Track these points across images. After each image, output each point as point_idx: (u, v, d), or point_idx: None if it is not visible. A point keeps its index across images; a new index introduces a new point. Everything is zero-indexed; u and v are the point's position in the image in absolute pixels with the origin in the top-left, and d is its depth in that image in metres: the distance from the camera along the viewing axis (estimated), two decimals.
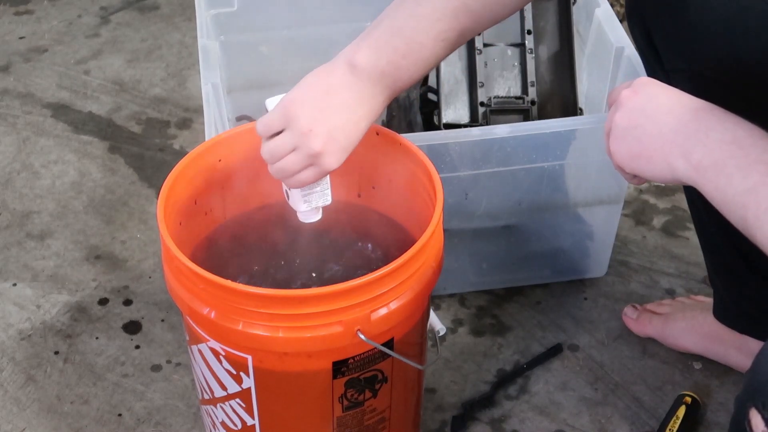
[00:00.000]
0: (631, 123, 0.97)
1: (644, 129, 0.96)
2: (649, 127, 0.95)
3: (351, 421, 1.14)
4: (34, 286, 1.58)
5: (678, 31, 1.09)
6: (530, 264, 1.54)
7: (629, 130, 0.97)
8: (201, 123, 1.79)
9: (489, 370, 1.44)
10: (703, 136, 0.92)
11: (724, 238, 1.25)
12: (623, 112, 0.98)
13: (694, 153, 0.91)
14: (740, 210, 0.89)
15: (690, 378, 1.43)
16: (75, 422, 1.38)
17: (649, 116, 0.96)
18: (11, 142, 1.87)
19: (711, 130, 0.91)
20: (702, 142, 0.91)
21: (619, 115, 0.98)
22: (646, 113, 0.96)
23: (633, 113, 0.97)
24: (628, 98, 0.98)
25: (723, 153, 0.90)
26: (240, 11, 1.60)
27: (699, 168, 0.91)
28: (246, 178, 1.25)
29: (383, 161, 1.22)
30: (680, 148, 0.93)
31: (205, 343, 1.10)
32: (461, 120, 1.47)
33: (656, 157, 0.95)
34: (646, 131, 0.95)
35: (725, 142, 0.90)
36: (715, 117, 0.93)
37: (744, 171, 0.88)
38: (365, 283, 1.02)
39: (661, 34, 1.13)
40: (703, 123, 0.93)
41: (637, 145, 0.96)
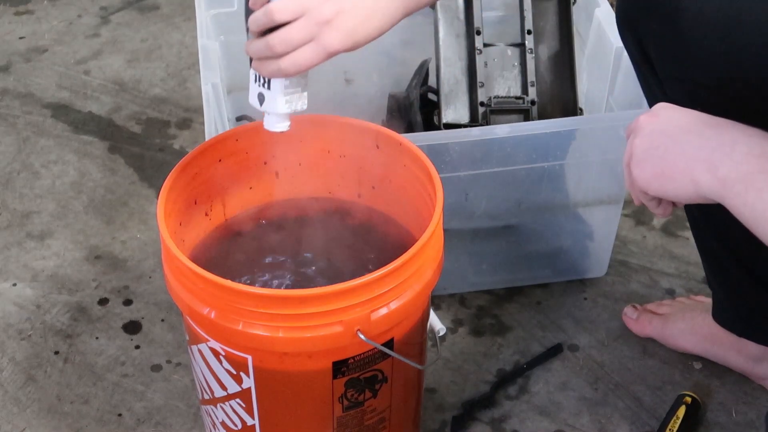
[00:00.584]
0: (652, 144, 0.96)
1: (666, 148, 0.94)
2: (671, 146, 0.94)
3: (351, 421, 1.14)
4: (34, 286, 1.58)
5: (671, 39, 1.08)
6: (530, 264, 1.54)
7: (650, 151, 0.96)
8: (201, 123, 1.80)
9: (489, 370, 1.44)
10: (729, 149, 0.90)
11: (720, 243, 1.25)
12: (643, 136, 0.97)
13: (721, 167, 0.90)
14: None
15: (690, 378, 1.43)
16: (75, 422, 1.38)
17: (670, 136, 0.95)
18: (11, 142, 1.87)
19: (736, 144, 0.90)
20: (728, 156, 0.90)
21: (639, 140, 0.97)
22: (666, 133, 0.95)
23: (653, 135, 0.96)
24: (647, 122, 0.97)
25: (751, 167, 0.88)
26: (240, 11, 1.60)
27: (726, 182, 0.89)
28: (246, 178, 1.25)
29: (383, 161, 1.22)
30: (705, 164, 0.91)
31: (205, 343, 1.10)
32: (461, 120, 1.47)
33: (680, 175, 0.93)
34: (669, 150, 0.94)
35: (753, 155, 0.88)
36: (739, 131, 0.91)
37: None
38: (365, 283, 1.02)
39: (654, 42, 1.12)
40: (728, 137, 0.91)
41: (660, 163, 0.95)
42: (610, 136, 1.36)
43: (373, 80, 1.71)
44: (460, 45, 1.49)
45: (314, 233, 1.25)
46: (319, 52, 1.02)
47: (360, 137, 1.23)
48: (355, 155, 1.24)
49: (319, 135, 1.24)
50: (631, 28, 1.14)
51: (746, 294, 1.28)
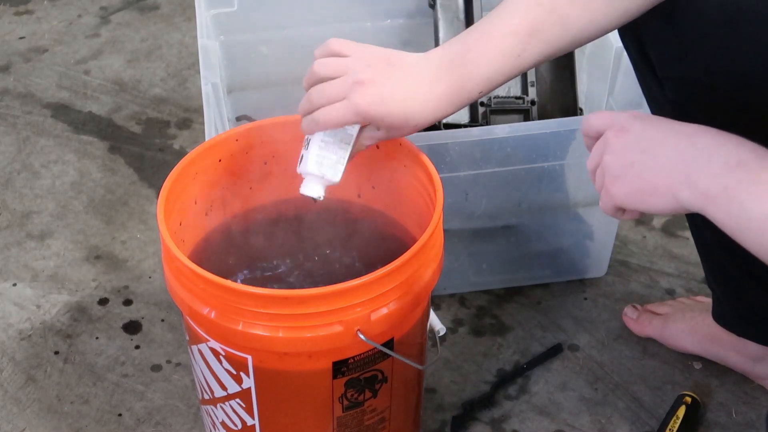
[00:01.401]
0: (626, 161, 0.94)
1: (642, 165, 0.93)
2: (647, 162, 0.92)
3: (351, 421, 1.14)
4: (34, 286, 1.58)
5: (672, 38, 1.08)
6: (530, 264, 1.54)
7: (626, 169, 0.94)
8: (201, 123, 1.80)
9: (489, 370, 1.44)
10: (706, 162, 0.88)
11: (719, 243, 1.25)
12: (615, 152, 0.95)
13: (700, 182, 0.88)
14: (758, 236, 0.85)
15: (690, 378, 1.43)
16: (75, 422, 1.38)
17: (644, 151, 0.93)
18: (11, 142, 1.87)
19: (713, 156, 0.88)
20: (706, 168, 0.88)
21: (611, 158, 0.95)
22: (640, 148, 0.93)
23: (626, 151, 0.94)
24: (616, 137, 0.95)
25: (730, 178, 0.86)
26: (240, 11, 1.60)
27: (707, 196, 0.88)
28: (246, 178, 1.25)
29: (383, 161, 1.22)
30: (683, 178, 0.90)
31: (205, 343, 1.10)
32: (461, 120, 1.47)
33: (660, 191, 0.92)
34: (646, 166, 0.92)
35: (731, 166, 0.87)
36: (714, 141, 0.90)
37: (757, 195, 0.85)
38: (365, 283, 1.02)
39: (655, 41, 1.11)
40: (703, 149, 0.89)
41: (637, 181, 0.93)
42: None
43: None
44: None
45: (314, 233, 1.25)
46: (349, 108, 1.06)
47: None
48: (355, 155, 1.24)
49: None
50: (630, 27, 1.13)
51: (746, 294, 1.28)
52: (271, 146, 1.24)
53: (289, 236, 1.24)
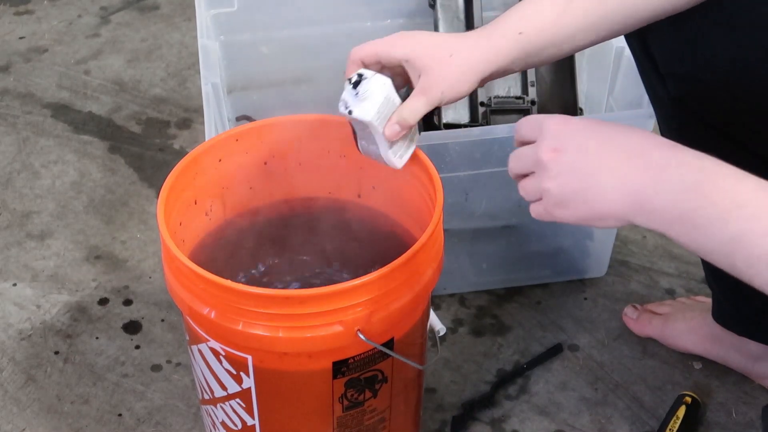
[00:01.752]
0: (568, 188, 0.88)
1: (587, 192, 0.87)
2: (592, 190, 0.86)
3: (351, 421, 1.14)
4: (34, 286, 1.58)
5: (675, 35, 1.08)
6: (530, 264, 1.54)
7: (570, 196, 0.88)
8: (201, 123, 1.80)
9: (489, 370, 1.44)
10: (653, 193, 0.83)
11: None
12: (554, 177, 0.88)
13: (653, 213, 0.83)
14: (726, 258, 0.81)
15: (690, 378, 1.43)
16: (75, 422, 1.38)
17: (588, 175, 0.86)
18: (11, 142, 1.87)
19: (662, 183, 0.83)
20: (657, 199, 0.83)
21: (551, 184, 0.88)
22: (581, 175, 0.87)
23: (567, 178, 0.88)
24: (552, 160, 0.88)
25: (686, 204, 0.82)
26: (240, 11, 1.60)
27: (663, 223, 0.83)
28: (246, 178, 1.25)
29: None
30: (635, 208, 0.85)
31: (205, 343, 1.10)
32: (461, 120, 1.47)
33: (611, 216, 0.87)
34: (591, 193, 0.86)
35: (684, 192, 0.82)
36: (660, 164, 0.83)
37: (719, 221, 0.80)
38: (365, 283, 1.02)
39: (658, 37, 1.11)
40: (650, 175, 0.83)
41: (585, 208, 0.88)
42: None
43: None
44: None
45: (314, 233, 1.25)
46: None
47: None
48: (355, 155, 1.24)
49: (319, 135, 1.24)
50: None
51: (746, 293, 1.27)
52: (271, 146, 1.24)
53: (289, 236, 1.24)
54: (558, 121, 0.90)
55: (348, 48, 1.68)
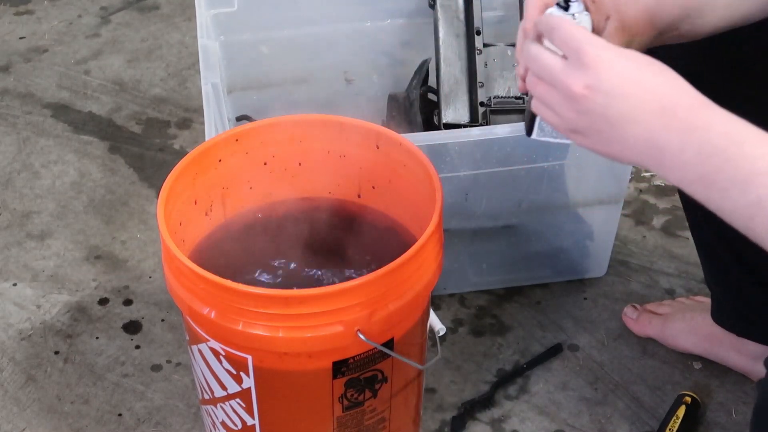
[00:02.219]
0: (594, 128, 0.86)
1: (610, 136, 0.86)
2: (616, 136, 0.85)
3: (351, 421, 1.14)
4: (34, 286, 1.58)
5: None
6: (530, 264, 1.54)
7: (593, 133, 0.87)
8: (201, 123, 1.80)
9: (489, 370, 1.44)
10: (678, 150, 0.83)
11: (721, 241, 1.25)
12: (582, 115, 0.86)
13: (673, 170, 0.83)
14: (745, 222, 0.82)
15: (690, 378, 1.43)
16: (75, 422, 1.38)
17: (612, 124, 0.85)
18: (11, 142, 1.87)
19: (686, 143, 0.82)
20: (678, 158, 0.83)
21: (577, 116, 0.86)
22: (609, 120, 0.85)
23: (594, 119, 0.86)
24: (585, 98, 0.85)
25: (707, 167, 0.82)
26: (240, 11, 1.60)
27: (683, 181, 0.83)
28: (246, 178, 1.25)
29: (383, 161, 1.22)
30: (656, 162, 0.84)
31: (205, 343, 1.10)
32: (461, 120, 1.47)
33: (628, 162, 0.87)
34: (614, 139, 0.86)
35: (708, 154, 0.81)
36: (689, 124, 0.83)
37: (740, 185, 0.80)
38: (365, 283, 1.02)
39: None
40: (677, 134, 0.83)
41: (603, 147, 0.87)
42: None
43: (373, 80, 1.71)
44: (460, 45, 1.49)
45: (314, 233, 1.25)
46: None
47: (360, 137, 1.23)
48: (355, 155, 1.24)
49: (319, 135, 1.24)
50: None
51: (746, 293, 1.28)
52: (271, 146, 1.24)
53: (289, 236, 1.24)
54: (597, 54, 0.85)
55: (348, 48, 1.69)
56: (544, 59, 0.88)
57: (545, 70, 0.88)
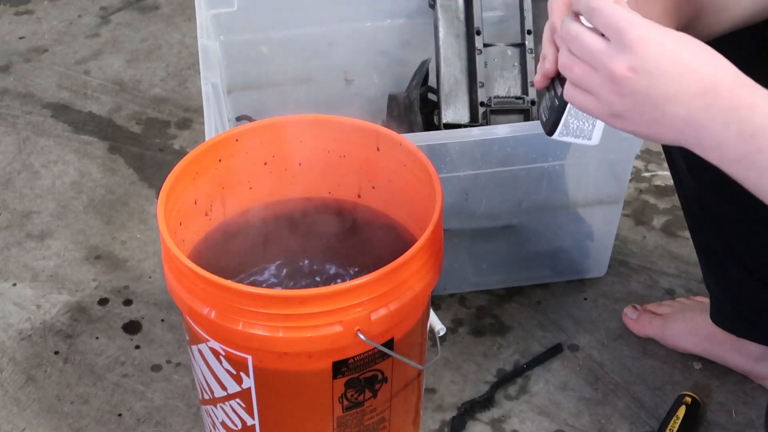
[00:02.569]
0: (635, 108, 0.85)
1: (653, 117, 0.85)
2: (658, 116, 0.84)
3: (351, 421, 1.14)
4: (34, 286, 1.58)
5: None
6: (530, 264, 1.54)
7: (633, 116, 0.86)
8: (201, 123, 1.80)
9: (489, 370, 1.44)
10: (720, 130, 0.82)
11: (721, 241, 1.25)
12: (624, 97, 0.85)
13: (714, 150, 0.83)
14: None
15: (690, 378, 1.43)
16: (75, 422, 1.38)
17: (655, 105, 0.84)
18: (11, 142, 1.87)
19: (728, 123, 0.82)
20: (719, 137, 0.82)
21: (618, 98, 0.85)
22: (652, 101, 0.84)
23: (636, 100, 0.85)
24: (628, 80, 0.84)
25: (749, 147, 0.81)
26: (240, 11, 1.60)
27: (723, 161, 0.83)
28: (246, 178, 1.25)
29: (383, 161, 1.22)
30: (695, 141, 0.84)
31: (205, 343, 1.10)
32: (461, 120, 1.47)
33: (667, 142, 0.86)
34: (655, 120, 0.85)
35: (749, 135, 0.81)
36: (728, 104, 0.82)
37: None
38: (365, 283, 1.02)
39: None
40: (718, 114, 0.82)
41: (644, 129, 0.86)
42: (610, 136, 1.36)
43: (373, 80, 1.71)
44: (460, 45, 1.49)
45: (314, 233, 1.25)
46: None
47: (360, 137, 1.23)
48: (355, 155, 1.24)
49: (319, 135, 1.24)
50: None
51: (746, 294, 1.28)
52: (271, 146, 1.24)
53: (289, 236, 1.24)
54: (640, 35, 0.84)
55: (348, 48, 1.69)
56: (586, 39, 0.86)
57: (586, 50, 0.87)
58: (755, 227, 1.20)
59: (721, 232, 1.25)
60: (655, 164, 1.77)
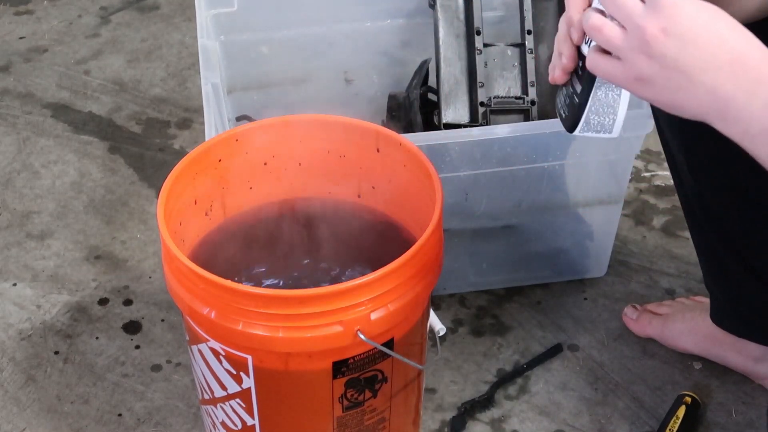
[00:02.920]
0: (662, 74, 0.85)
1: (678, 83, 0.84)
2: (684, 84, 0.84)
3: (351, 421, 1.14)
4: (34, 286, 1.58)
5: None
6: (530, 264, 1.54)
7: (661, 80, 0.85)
8: (201, 123, 1.80)
9: (489, 370, 1.44)
10: (745, 102, 0.82)
11: (720, 243, 1.25)
12: (653, 59, 0.84)
13: (738, 122, 0.82)
14: None
15: (690, 378, 1.43)
16: (75, 422, 1.38)
17: (682, 71, 0.83)
18: (11, 142, 1.87)
19: (754, 95, 0.81)
20: (744, 110, 0.82)
21: (647, 63, 0.85)
22: (680, 67, 0.83)
23: (665, 64, 0.84)
24: (659, 42, 0.83)
25: None
26: (240, 11, 1.60)
27: (745, 135, 0.83)
28: (246, 178, 1.25)
29: (383, 161, 1.22)
30: (720, 114, 0.83)
31: (205, 343, 1.10)
32: (461, 120, 1.47)
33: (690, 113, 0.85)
34: (681, 86, 0.84)
35: None
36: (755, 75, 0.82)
37: None
38: (365, 283, 1.02)
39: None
40: (746, 85, 0.82)
41: (668, 96, 0.86)
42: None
43: (373, 80, 1.71)
44: (460, 45, 1.49)
45: (314, 233, 1.25)
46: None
47: (360, 137, 1.23)
48: (355, 155, 1.24)
49: (319, 135, 1.24)
50: None
51: (746, 294, 1.28)
52: (271, 146, 1.24)
53: (289, 236, 1.24)
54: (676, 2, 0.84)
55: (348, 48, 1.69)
56: None
57: (621, 10, 0.86)
58: (756, 227, 1.20)
59: (722, 232, 1.25)
60: (655, 164, 1.77)
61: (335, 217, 1.26)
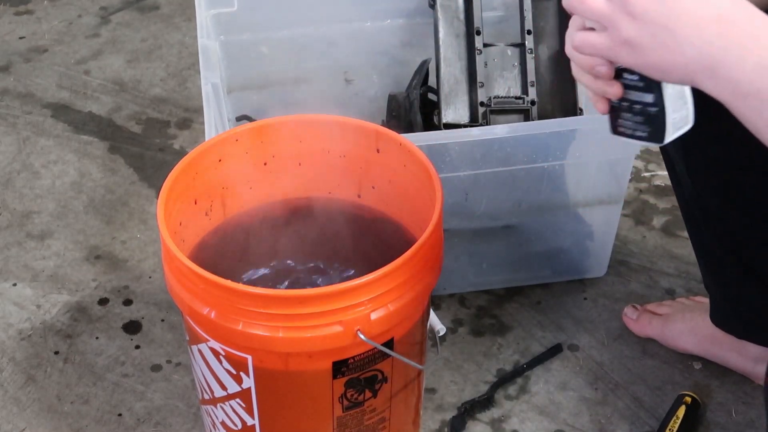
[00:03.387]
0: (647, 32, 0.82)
1: (665, 44, 0.82)
2: (670, 41, 0.82)
3: (351, 421, 1.14)
4: (34, 286, 1.58)
5: None
6: (530, 264, 1.54)
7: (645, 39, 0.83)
8: (201, 123, 1.80)
9: (489, 370, 1.44)
10: (736, 59, 0.79)
11: (719, 243, 1.25)
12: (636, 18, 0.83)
13: (727, 82, 0.80)
14: None
15: (690, 378, 1.43)
16: (75, 422, 1.38)
17: (666, 27, 0.81)
18: (11, 142, 1.87)
19: (745, 51, 0.79)
20: (735, 68, 0.79)
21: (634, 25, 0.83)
22: (666, 22, 0.81)
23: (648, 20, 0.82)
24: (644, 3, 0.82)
25: (764, 80, 0.78)
26: (240, 11, 1.60)
27: (735, 95, 0.80)
28: (246, 178, 1.25)
29: (383, 161, 1.22)
30: (709, 72, 0.81)
31: (205, 343, 1.10)
32: (461, 120, 1.47)
33: (678, 74, 0.83)
34: (668, 46, 0.82)
35: (764, 68, 0.78)
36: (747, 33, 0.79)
37: None
38: (365, 283, 1.02)
39: None
40: (736, 44, 0.79)
41: (655, 57, 0.83)
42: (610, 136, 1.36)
43: (373, 80, 1.71)
44: (460, 45, 1.49)
45: (314, 233, 1.25)
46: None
47: (360, 137, 1.23)
48: (355, 155, 1.25)
49: (319, 135, 1.24)
50: None
51: (745, 294, 1.28)
52: (271, 146, 1.24)
53: (289, 236, 1.24)
54: None
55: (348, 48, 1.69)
56: None
57: None
58: (754, 228, 1.20)
59: (720, 234, 1.25)
60: (655, 164, 1.77)
61: (335, 217, 1.26)
